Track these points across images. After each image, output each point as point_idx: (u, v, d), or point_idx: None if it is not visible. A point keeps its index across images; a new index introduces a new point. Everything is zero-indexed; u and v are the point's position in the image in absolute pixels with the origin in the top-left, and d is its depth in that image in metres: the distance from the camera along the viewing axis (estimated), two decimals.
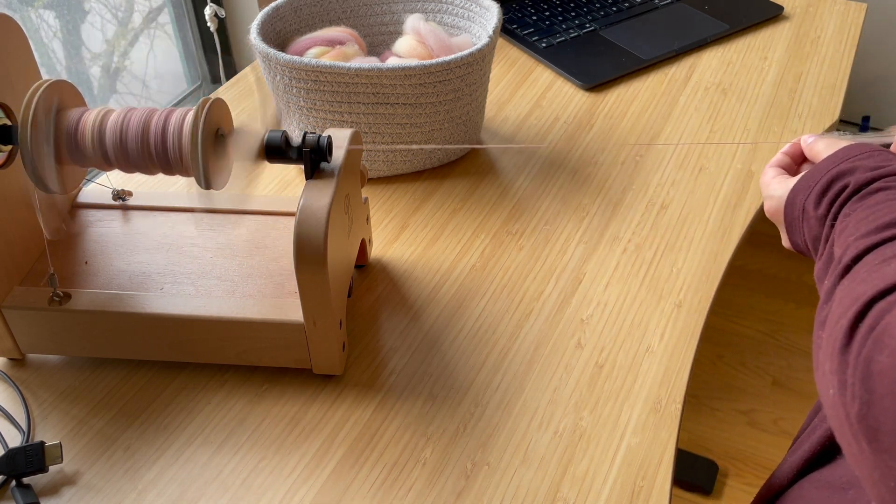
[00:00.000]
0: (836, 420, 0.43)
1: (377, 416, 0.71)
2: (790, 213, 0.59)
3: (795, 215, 0.58)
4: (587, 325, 0.79)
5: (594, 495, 0.65)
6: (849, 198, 0.53)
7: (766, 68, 1.17)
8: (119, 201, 0.82)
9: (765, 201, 0.64)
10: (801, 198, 0.57)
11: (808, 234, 0.57)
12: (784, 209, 0.60)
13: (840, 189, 0.54)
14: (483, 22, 0.99)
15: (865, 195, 0.52)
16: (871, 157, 0.54)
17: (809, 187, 0.56)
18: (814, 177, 0.57)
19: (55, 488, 0.66)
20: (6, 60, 0.68)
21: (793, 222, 0.59)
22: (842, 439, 0.43)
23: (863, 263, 0.46)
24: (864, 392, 0.39)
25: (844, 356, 0.42)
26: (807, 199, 0.56)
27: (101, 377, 0.75)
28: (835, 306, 0.45)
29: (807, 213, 0.56)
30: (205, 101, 0.64)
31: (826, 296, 0.48)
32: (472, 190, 0.96)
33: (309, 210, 0.65)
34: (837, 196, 0.54)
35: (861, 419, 0.40)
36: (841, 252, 0.49)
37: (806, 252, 0.59)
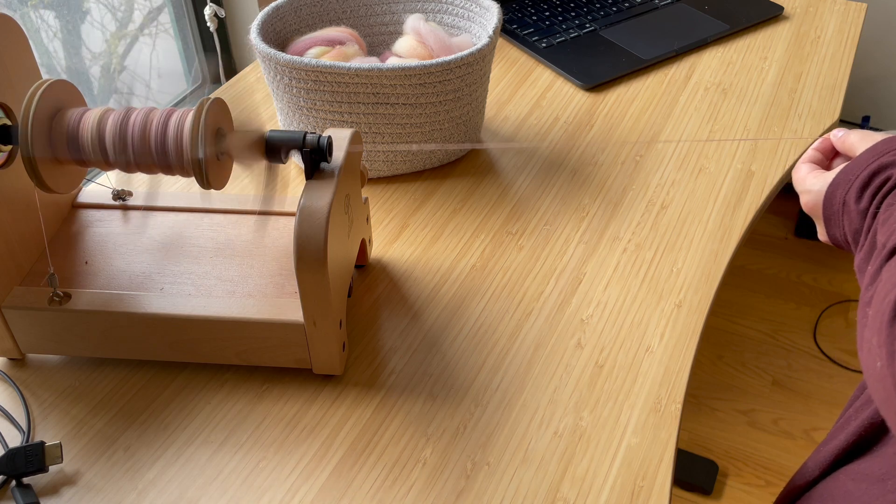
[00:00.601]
0: (882, 392, 0.43)
1: (377, 416, 0.71)
2: (829, 206, 0.58)
3: (835, 209, 0.58)
4: (587, 325, 0.79)
5: (594, 495, 0.65)
6: (892, 190, 0.53)
7: (766, 68, 1.17)
8: (119, 201, 0.82)
9: (801, 196, 0.63)
10: (842, 191, 0.57)
11: (849, 227, 0.56)
12: (823, 203, 0.59)
13: (882, 182, 0.53)
14: (483, 22, 0.99)
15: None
16: None
17: (850, 181, 0.56)
18: (854, 170, 0.56)
19: (55, 488, 0.66)
20: (6, 60, 0.68)
21: (832, 216, 0.58)
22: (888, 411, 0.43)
23: None
24: None
25: (893, 328, 0.42)
26: (847, 193, 0.56)
27: (101, 377, 0.75)
28: (881, 286, 0.45)
29: (847, 206, 0.56)
30: (205, 101, 0.64)
31: (870, 279, 0.48)
32: (472, 190, 0.96)
33: (309, 210, 0.65)
34: (879, 189, 0.54)
35: None
36: (885, 238, 0.49)
37: (844, 245, 0.58)
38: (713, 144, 1.03)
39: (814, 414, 1.66)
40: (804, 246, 2.02)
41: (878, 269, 0.48)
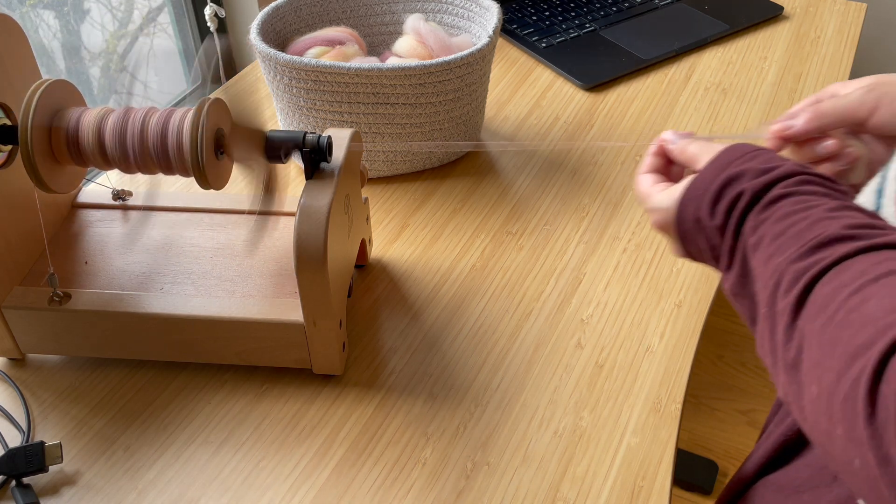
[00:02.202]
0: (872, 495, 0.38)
1: (377, 415, 0.71)
2: (682, 224, 0.55)
3: (688, 227, 0.55)
4: (587, 325, 0.79)
5: (594, 495, 0.65)
6: (748, 207, 0.50)
7: (766, 68, 1.17)
8: (119, 201, 0.82)
9: (649, 214, 0.60)
10: (693, 208, 0.54)
11: (706, 244, 0.54)
12: (675, 221, 0.56)
13: (735, 197, 0.51)
14: (483, 22, 0.99)
15: (768, 204, 0.49)
16: (755, 158, 0.52)
17: (699, 197, 0.53)
18: (702, 185, 0.54)
19: (55, 488, 0.66)
20: (6, 60, 0.68)
21: (686, 233, 0.55)
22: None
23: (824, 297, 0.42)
24: None
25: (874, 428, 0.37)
26: (699, 210, 0.53)
27: (101, 377, 0.75)
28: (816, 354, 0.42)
29: (702, 223, 0.53)
30: (204, 100, 0.64)
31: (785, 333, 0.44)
32: (472, 190, 0.96)
33: (309, 210, 0.65)
34: (733, 204, 0.51)
35: None
36: (773, 278, 0.46)
37: (704, 261, 0.56)
38: None
39: None
40: None
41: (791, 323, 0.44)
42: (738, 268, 0.50)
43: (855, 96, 0.62)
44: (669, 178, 0.63)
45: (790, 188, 0.49)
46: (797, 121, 0.62)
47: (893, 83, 0.62)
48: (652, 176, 0.62)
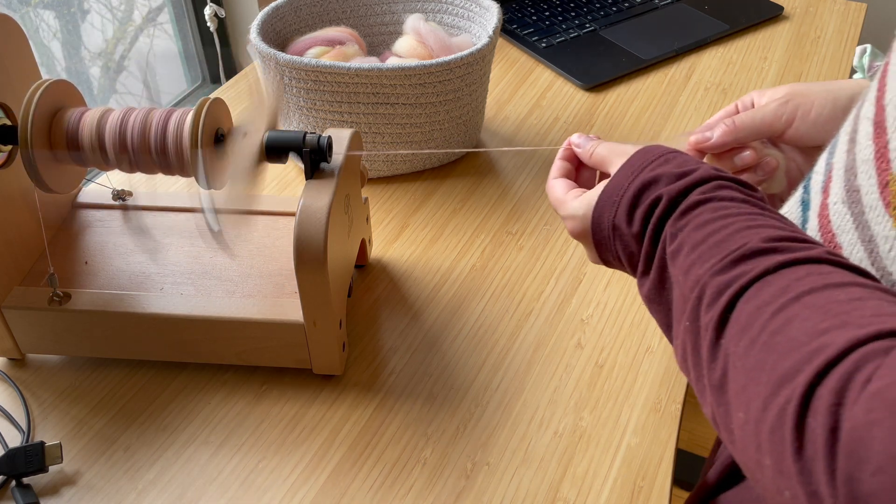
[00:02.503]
0: None
1: (377, 416, 0.71)
2: (598, 231, 0.54)
3: (605, 234, 0.54)
4: (587, 325, 0.79)
5: (594, 495, 0.65)
6: (666, 213, 0.49)
7: (766, 68, 1.17)
8: (119, 201, 0.82)
9: (564, 221, 0.59)
10: (609, 215, 0.53)
11: (623, 251, 0.53)
12: (591, 229, 0.55)
13: (652, 202, 0.50)
14: (483, 22, 0.99)
15: (686, 210, 0.48)
16: (668, 162, 0.51)
17: (615, 202, 0.52)
18: (616, 191, 0.53)
19: (55, 488, 0.66)
20: (6, 60, 0.68)
21: (602, 241, 0.54)
22: None
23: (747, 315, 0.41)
24: None
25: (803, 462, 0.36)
26: (616, 217, 0.52)
27: (101, 377, 0.75)
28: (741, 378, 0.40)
29: (619, 230, 0.52)
30: (205, 100, 0.64)
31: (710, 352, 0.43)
32: (472, 190, 0.96)
33: (309, 210, 0.65)
34: (650, 210, 0.50)
35: None
36: (695, 290, 0.45)
37: (619, 267, 0.55)
38: None
39: None
40: None
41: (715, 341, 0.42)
42: (655, 274, 0.49)
43: (770, 109, 0.62)
44: (580, 183, 0.62)
45: (707, 193, 0.48)
46: (714, 133, 0.63)
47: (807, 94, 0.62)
48: (563, 182, 0.61)
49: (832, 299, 0.39)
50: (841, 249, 0.46)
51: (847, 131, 0.47)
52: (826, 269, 0.41)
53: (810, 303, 0.39)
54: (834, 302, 0.39)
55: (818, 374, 0.36)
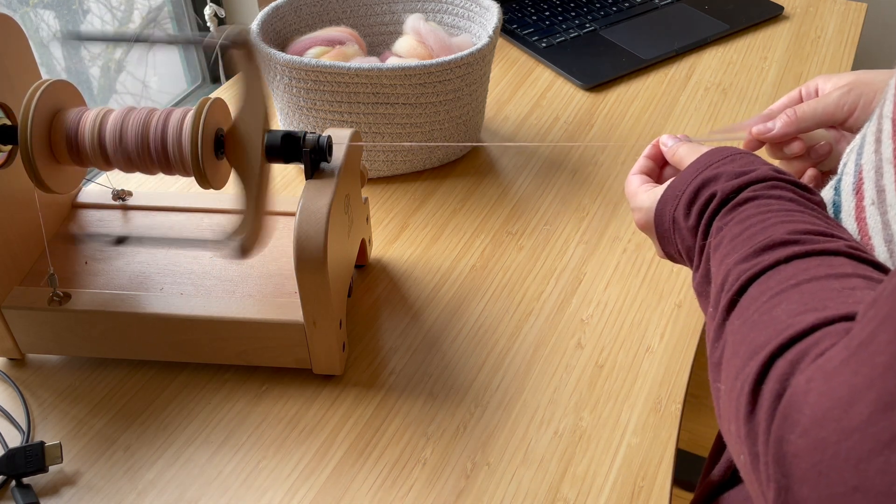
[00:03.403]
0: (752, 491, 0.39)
1: (377, 415, 0.71)
2: (661, 224, 0.56)
3: (666, 227, 0.56)
4: (587, 325, 0.79)
5: (594, 495, 0.65)
6: (718, 208, 0.51)
7: (766, 68, 1.17)
8: (119, 201, 0.82)
9: (633, 213, 0.61)
10: (670, 209, 0.55)
11: (682, 244, 0.54)
12: (654, 221, 0.57)
13: (708, 198, 0.52)
14: (483, 22, 0.99)
15: (734, 206, 0.50)
16: (734, 161, 0.53)
17: (677, 197, 0.54)
18: (680, 186, 0.55)
19: (55, 488, 0.66)
20: (6, 60, 0.68)
21: (664, 234, 0.56)
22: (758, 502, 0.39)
23: (749, 298, 0.43)
24: (781, 476, 0.35)
25: (752, 425, 0.38)
26: (676, 210, 0.54)
27: (101, 377, 0.75)
28: (729, 353, 0.43)
29: (678, 224, 0.54)
30: (205, 100, 0.64)
31: (716, 333, 0.45)
32: (472, 190, 0.96)
33: (309, 210, 0.65)
34: (706, 206, 0.52)
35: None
36: (722, 277, 0.46)
37: (681, 261, 0.57)
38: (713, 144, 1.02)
39: None
40: None
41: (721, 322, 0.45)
42: (702, 267, 0.51)
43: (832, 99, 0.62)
44: (660, 181, 0.64)
45: (758, 192, 0.50)
46: (776, 124, 0.63)
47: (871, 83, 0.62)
48: (640, 177, 0.63)
49: (826, 287, 0.41)
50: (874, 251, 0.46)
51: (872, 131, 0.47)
52: (839, 262, 0.43)
53: (806, 290, 0.41)
54: (827, 290, 0.41)
55: (780, 347, 0.38)
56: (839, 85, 0.63)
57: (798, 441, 0.35)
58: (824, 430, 0.34)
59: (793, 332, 0.38)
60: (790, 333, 0.38)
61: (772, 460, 0.36)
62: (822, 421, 0.34)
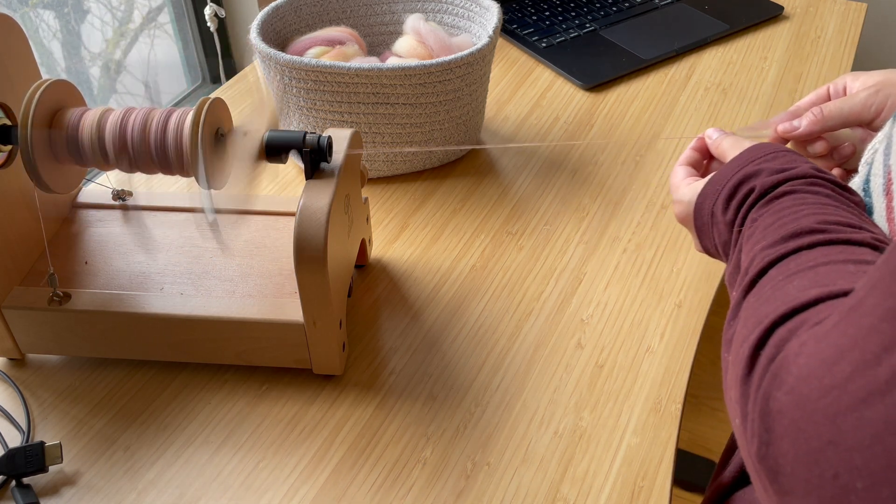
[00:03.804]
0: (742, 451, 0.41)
1: (377, 416, 0.71)
2: (699, 218, 0.57)
3: (705, 220, 0.56)
4: (587, 325, 0.79)
5: (594, 495, 0.65)
6: (755, 202, 0.51)
7: (766, 68, 1.17)
8: (119, 201, 0.82)
9: (674, 206, 0.62)
10: (710, 202, 0.56)
11: (719, 238, 0.55)
12: (693, 214, 0.58)
13: (746, 193, 0.52)
14: (483, 22, 0.99)
15: (771, 199, 0.50)
16: (776, 159, 0.53)
17: (717, 192, 0.55)
18: (720, 180, 0.55)
19: (55, 488, 0.66)
20: (6, 60, 0.68)
21: (702, 227, 0.57)
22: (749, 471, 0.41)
23: (767, 278, 0.45)
24: (763, 430, 0.37)
25: (746, 387, 0.40)
26: (715, 204, 0.55)
27: (101, 377, 0.75)
28: (739, 326, 0.44)
29: (716, 217, 0.55)
30: (205, 100, 0.64)
31: (732, 311, 0.46)
32: (472, 190, 0.96)
33: (309, 210, 0.65)
34: (744, 200, 0.52)
35: (761, 459, 0.37)
36: (747, 262, 0.47)
37: (718, 256, 0.57)
38: None
39: None
40: None
41: (740, 300, 0.46)
42: (734, 258, 0.52)
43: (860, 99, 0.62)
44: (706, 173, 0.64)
45: (796, 187, 0.50)
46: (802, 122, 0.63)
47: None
48: (685, 169, 0.63)
49: (841, 271, 0.42)
50: None
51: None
52: (861, 251, 0.44)
53: (821, 271, 0.42)
54: (840, 273, 0.42)
55: (782, 316, 0.40)
56: (867, 85, 0.63)
57: (783, 398, 0.36)
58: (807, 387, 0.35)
59: (796, 304, 0.40)
60: (794, 304, 0.40)
61: (758, 416, 0.38)
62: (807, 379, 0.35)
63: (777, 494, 0.37)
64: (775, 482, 0.37)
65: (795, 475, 0.35)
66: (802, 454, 0.35)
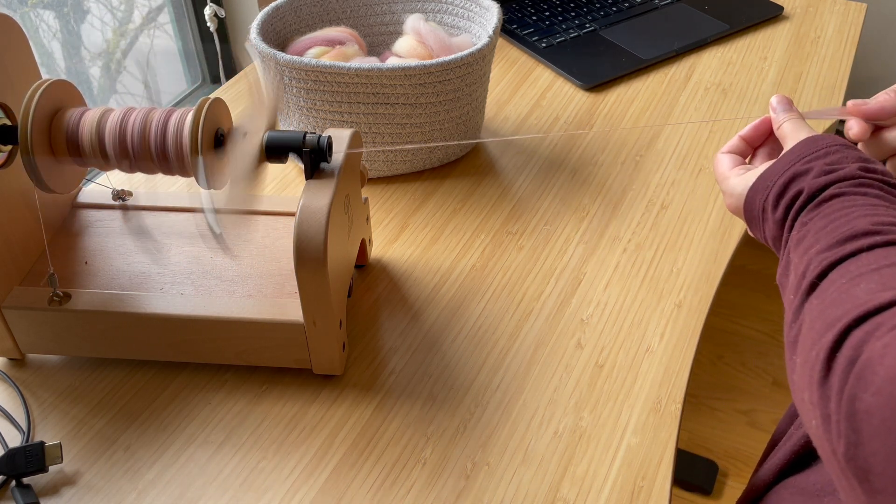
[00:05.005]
0: (823, 452, 0.42)
1: (377, 416, 0.71)
2: (750, 211, 0.58)
3: (755, 214, 0.57)
4: (587, 325, 0.79)
5: (594, 495, 0.65)
6: (804, 205, 0.52)
7: (766, 68, 1.17)
8: (119, 201, 0.82)
9: (724, 197, 0.62)
10: (760, 197, 0.56)
11: (769, 234, 0.56)
12: (744, 208, 0.59)
13: (795, 194, 0.53)
14: (483, 22, 0.99)
15: (820, 202, 0.51)
16: (826, 156, 0.54)
17: (767, 188, 0.56)
18: (771, 177, 0.56)
19: (55, 488, 0.66)
20: (6, 60, 0.68)
21: (753, 220, 0.58)
22: (831, 472, 0.42)
23: (829, 281, 0.45)
24: (851, 432, 0.38)
25: (824, 389, 0.41)
26: (766, 200, 0.56)
27: (101, 377, 0.75)
28: (806, 329, 0.45)
29: (766, 214, 0.56)
30: (205, 100, 0.64)
31: (794, 314, 0.47)
32: (472, 190, 0.96)
33: (309, 210, 0.65)
34: (793, 201, 0.53)
35: (850, 459, 0.38)
36: (804, 266, 0.48)
37: (769, 246, 0.58)
38: (713, 144, 1.03)
39: None
40: None
41: (800, 304, 0.47)
42: (784, 259, 0.53)
43: None
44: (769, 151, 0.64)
45: (844, 189, 0.51)
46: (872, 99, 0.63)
47: None
48: (730, 157, 0.63)
49: None
50: None
51: None
52: None
53: (886, 273, 0.43)
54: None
55: (857, 319, 0.41)
56: None
57: (870, 399, 0.37)
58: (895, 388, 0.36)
59: (870, 307, 0.41)
60: (867, 308, 0.41)
61: (843, 418, 0.39)
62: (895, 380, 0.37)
63: (867, 494, 0.38)
64: (865, 482, 0.38)
65: (887, 474, 0.36)
66: (894, 452, 0.36)
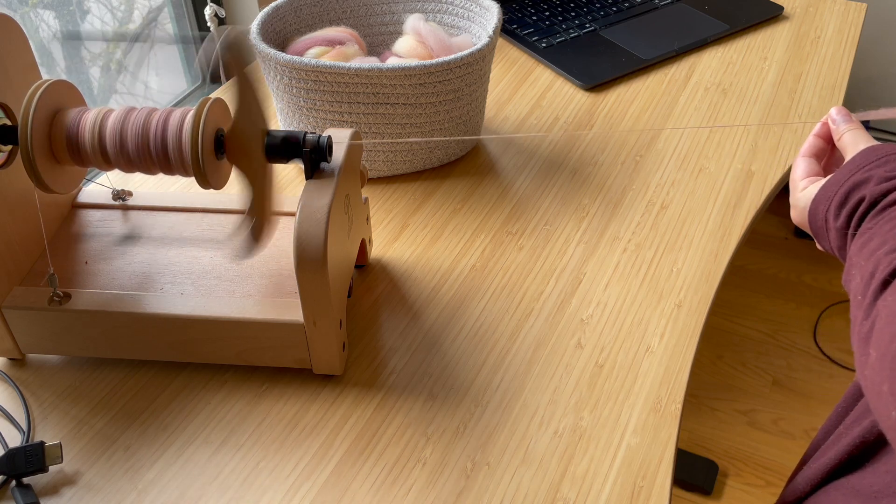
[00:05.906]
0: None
1: (377, 415, 0.71)
2: (814, 223, 0.60)
3: (819, 226, 0.59)
4: (587, 325, 0.79)
5: (594, 495, 0.65)
6: (865, 213, 0.54)
7: (766, 68, 1.17)
8: (119, 201, 0.82)
9: (791, 209, 0.64)
10: (823, 209, 0.58)
11: (834, 243, 0.58)
12: (808, 220, 0.61)
13: (857, 202, 0.55)
14: (483, 22, 1.00)
15: (882, 209, 0.53)
16: (887, 164, 0.55)
17: (829, 199, 0.57)
18: (832, 188, 0.58)
19: (55, 488, 0.66)
20: (6, 60, 0.68)
21: (818, 231, 0.60)
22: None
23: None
24: None
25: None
26: (828, 211, 0.58)
27: (101, 377, 0.75)
28: (882, 324, 0.46)
29: (829, 224, 0.58)
30: (205, 100, 0.64)
31: (865, 312, 0.48)
32: (472, 190, 0.96)
33: (309, 210, 0.65)
34: (855, 209, 0.55)
35: None
36: (871, 267, 0.49)
37: (836, 256, 0.60)
38: (713, 145, 1.03)
39: (814, 414, 1.66)
40: (804, 246, 2.02)
41: (872, 301, 0.48)
42: (849, 263, 0.54)
43: None
44: (830, 160, 0.65)
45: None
46: None
47: None
48: (806, 162, 0.64)
49: None
50: None
51: None
52: None
53: None
54: None
55: None
56: None
57: None
58: None
59: None
60: None
61: None
62: None
63: None
64: None
65: None
66: None
